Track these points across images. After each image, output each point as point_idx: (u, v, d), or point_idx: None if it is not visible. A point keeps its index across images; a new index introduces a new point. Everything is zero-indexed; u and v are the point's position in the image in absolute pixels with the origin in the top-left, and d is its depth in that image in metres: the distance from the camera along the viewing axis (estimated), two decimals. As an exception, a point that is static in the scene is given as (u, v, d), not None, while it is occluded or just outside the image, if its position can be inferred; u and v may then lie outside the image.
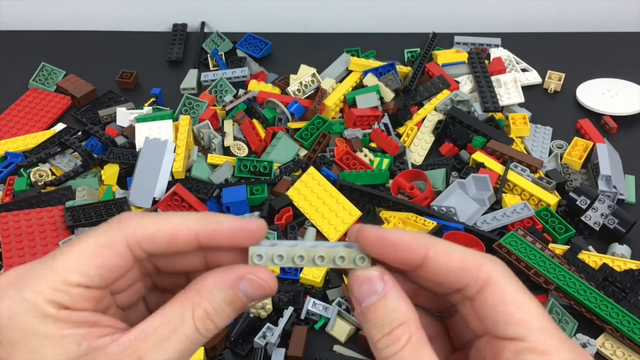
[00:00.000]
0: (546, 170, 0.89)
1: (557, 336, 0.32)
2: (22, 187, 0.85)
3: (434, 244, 0.33)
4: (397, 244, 0.33)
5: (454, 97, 0.98)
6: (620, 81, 1.06)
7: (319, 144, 0.92)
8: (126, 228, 0.33)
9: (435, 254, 0.33)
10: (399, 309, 0.33)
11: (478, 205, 0.82)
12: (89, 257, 0.32)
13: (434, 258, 0.33)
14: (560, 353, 0.31)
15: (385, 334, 0.33)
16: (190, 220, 0.34)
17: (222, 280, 0.33)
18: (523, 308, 0.32)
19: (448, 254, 0.33)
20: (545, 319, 0.32)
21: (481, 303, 0.33)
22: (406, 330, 0.33)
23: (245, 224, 0.34)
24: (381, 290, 0.33)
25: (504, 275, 0.33)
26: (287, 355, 0.66)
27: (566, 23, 1.22)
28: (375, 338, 0.33)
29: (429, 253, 0.33)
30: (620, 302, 0.69)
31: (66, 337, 0.31)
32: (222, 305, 0.33)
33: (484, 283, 0.33)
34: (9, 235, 0.77)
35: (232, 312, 0.33)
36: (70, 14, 1.23)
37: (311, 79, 1.02)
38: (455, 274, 0.33)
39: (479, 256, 0.34)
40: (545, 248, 0.73)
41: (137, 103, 1.03)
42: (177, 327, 0.32)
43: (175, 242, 0.33)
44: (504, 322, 0.32)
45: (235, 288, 0.33)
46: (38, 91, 1.06)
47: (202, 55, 1.16)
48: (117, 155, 0.89)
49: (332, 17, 1.23)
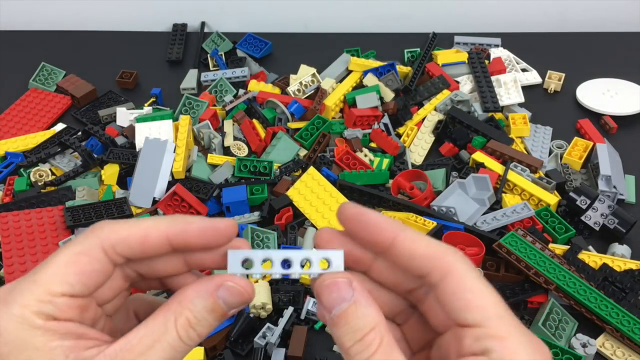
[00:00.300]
0: (546, 170, 0.89)
1: (513, 323, 0.33)
2: (22, 187, 0.85)
3: (403, 229, 0.35)
4: (370, 223, 0.35)
5: (454, 97, 0.98)
6: (620, 81, 1.06)
7: (319, 144, 0.92)
8: (100, 234, 0.34)
9: (404, 239, 0.35)
10: (369, 314, 0.34)
11: (478, 205, 0.82)
12: (67, 265, 0.33)
13: (402, 242, 0.35)
14: (516, 339, 0.32)
15: (357, 340, 0.33)
16: (161, 222, 0.35)
17: (202, 290, 0.34)
18: (481, 296, 0.33)
19: (415, 240, 0.35)
20: (502, 307, 0.34)
21: (443, 290, 0.34)
22: (377, 335, 0.33)
23: (214, 223, 0.35)
24: (350, 297, 0.34)
25: (464, 266, 0.34)
26: (287, 355, 0.66)
27: (566, 23, 1.22)
28: (347, 345, 0.34)
29: (398, 237, 0.35)
30: (620, 302, 0.69)
31: (54, 349, 0.32)
32: (203, 314, 0.34)
33: (446, 271, 0.34)
34: (9, 235, 0.77)
35: (213, 320, 0.35)
36: (70, 14, 1.23)
37: (311, 79, 1.02)
38: (420, 260, 0.34)
39: (443, 246, 0.35)
40: (545, 248, 0.73)
41: (137, 103, 1.03)
42: (160, 337, 0.33)
43: (147, 243, 0.34)
44: (464, 309, 0.33)
45: (214, 296, 0.34)
46: (38, 91, 1.06)
47: (202, 55, 1.16)
48: (117, 155, 0.89)
49: (332, 17, 1.23)
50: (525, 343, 0.33)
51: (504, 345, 0.32)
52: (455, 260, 0.34)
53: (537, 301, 0.72)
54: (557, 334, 0.67)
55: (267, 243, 0.77)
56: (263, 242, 0.77)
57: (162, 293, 0.64)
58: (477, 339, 0.33)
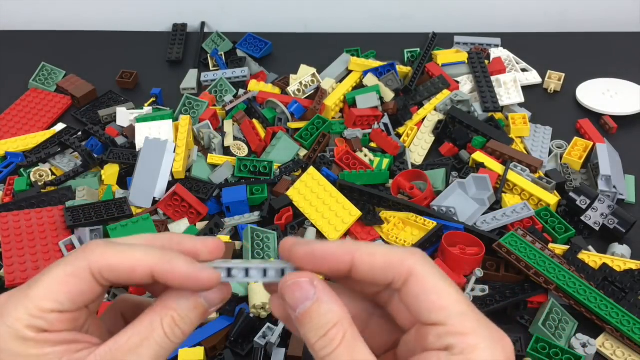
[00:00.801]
0: (546, 170, 0.89)
1: (474, 319, 0.34)
2: (22, 187, 0.85)
3: (358, 248, 0.36)
4: (325, 256, 0.36)
5: (454, 97, 0.98)
6: (620, 81, 1.06)
7: (319, 144, 0.92)
8: (90, 257, 0.36)
9: (361, 257, 0.36)
10: (332, 310, 0.35)
11: (478, 205, 0.82)
12: (58, 284, 0.35)
13: (359, 261, 0.36)
14: (477, 333, 0.34)
15: (321, 336, 0.35)
16: (149, 258, 0.36)
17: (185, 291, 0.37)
18: (443, 295, 0.35)
19: (372, 254, 0.36)
20: (464, 304, 0.35)
21: (406, 294, 0.35)
22: (340, 329, 0.35)
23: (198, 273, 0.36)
24: (313, 295, 0.35)
25: (424, 267, 0.35)
26: (287, 355, 0.66)
27: (566, 23, 1.22)
28: (312, 341, 0.35)
29: (355, 258, 0.36)
30: (620, 302, 0.69)
31: (47, 355, 0.34)
32: (186, 312, 0.36)
33: (407, 275, 0.35)
34: (9, 235, 0.77)
35: (196, 317, 0.37)
36: (70, 14, 1.23)
37: (311, 79, 1.02)
38: (381, 272, 0.36)
39: (401, 251, 0.36)
40: (545, 248, 0.73)
41: (137, 103, 1.03)
42: (148, 336, 0.36)
43: (133, 275, 0.36)
44: (427, 310, 0.35)
45: (196, 295, 0.37)
46: (38, 91, 1.06)
47: (202, 55, 1.16)
48: (117, 155, 0.89)
49: (332, 17, 1.23)
50: (486, 336, 0.34)
51: (465, 341, 0.33)
52: (415, 262, 0.35)
53: (537, 301, 0.72)
54: (557, 333, 0.67)
55: (267, 243, 0.77)
56: (263, 242, 0.77)
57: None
58: (439, 336, 0.34)
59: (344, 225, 0.80)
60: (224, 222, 0.81)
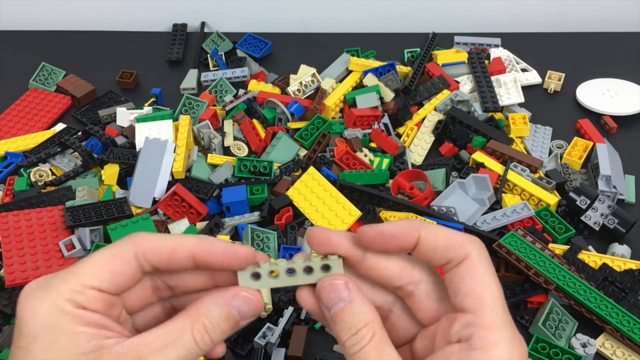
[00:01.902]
0: (546, 170, 0.89)
1: (502, 319, 0.36)
2: (22, 187, 0.85)
3: (423, 227, 0.38)
4: (393, 235, 0.38)
5: (453, 97, 0.98)
6: (620, 81, 1.06)
7: (319, 144, 0.92)
8: (134, 241, 0.38)
9: (426, 236, 0.38)
10: (363, 312, 0.37)
11: (478, 205, 0.82)
12: (103, 264, 0.37)
13: (424, 240, 0.38)
14: (500, 333, 0.35)
15: (352, 334, 0.37)
16: (189, 239, 0.39)
17: (219, 299, 0.38)
18: (484, 287, 0.37)
19: (435, 234, 0.38)
20: (499, 303, 0.37)
21: (454, 274, 0.37)
22: (370, 330, 0.37)
23: (235, 248, 0.39)
24: (347, 297, 0.38)
25: (480, 256, 0.38)
26: (287, 355, 0.66)
27: (566, 23, 1.22)
28: (344, 339, 0.37)
29: (420, 236, 0.38)
30: (620, 302, 0.69)
31: (79, 334, 0.35)
32: (218, 321, 0.37)
33: (463, 258, 0.37)
34: (9, 235, 0.77)
35: (227, 327, 0.38)
36: (70, 14, 1.23)
37: (311, 79, 1.02)
38: (442, 251, 0.38)
39: (461, 236, 0.38)
40: (545, 248, 0.73)
41: (137, 103, 1.03)
42: (176, 338, 0.36)
43: (174, 256, 0.38)
44: (464, 293, 0.37)
45: (229, 305, 0.38)
46: (38, 91, 1.06)
47: (202, 55, 1.16)
48: (117, 155, 0.89)
49: (332, 17, 1.23)
50: (507, 338, 0.35)
51: (488, 336, 0.35)
52: (473, 249, 0.38)
53: (537, 301, 0.72)
54: (557, 333, 0.67)
55: (267, 243, 0.77)
56: (263, 242, 0.77)
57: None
58: (465, 325, 0.36)
59: (344, 225, 0.80)
60: (224, 222, 0.81)
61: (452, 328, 0.37)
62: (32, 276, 0.73)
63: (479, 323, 0.36)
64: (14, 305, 0.71)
